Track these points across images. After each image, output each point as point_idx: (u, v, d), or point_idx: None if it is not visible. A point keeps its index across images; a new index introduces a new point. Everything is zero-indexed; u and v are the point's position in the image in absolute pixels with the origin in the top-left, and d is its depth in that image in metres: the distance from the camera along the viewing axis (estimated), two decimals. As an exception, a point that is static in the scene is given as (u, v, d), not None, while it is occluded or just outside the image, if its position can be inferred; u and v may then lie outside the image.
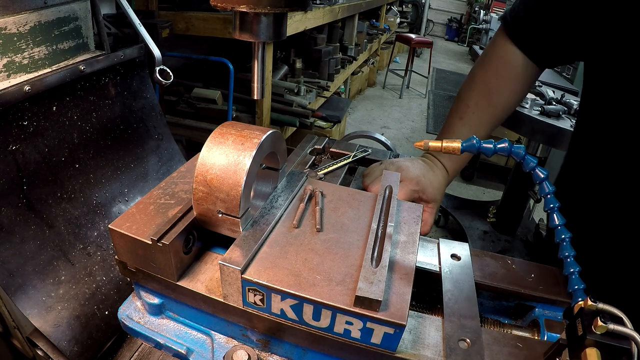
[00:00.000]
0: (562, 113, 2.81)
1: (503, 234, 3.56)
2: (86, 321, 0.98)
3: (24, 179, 0.98)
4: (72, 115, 1.11)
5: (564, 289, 0.75)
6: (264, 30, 0.69)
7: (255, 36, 0.70)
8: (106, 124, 1.22)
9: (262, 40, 0.71)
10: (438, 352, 0.64)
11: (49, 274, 0.97)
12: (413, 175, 1.00)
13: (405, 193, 0.97)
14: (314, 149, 1.16)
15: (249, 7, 0.64)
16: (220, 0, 0.65)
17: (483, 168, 4.77)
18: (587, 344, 0.53)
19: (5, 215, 0.93)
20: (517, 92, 1.11)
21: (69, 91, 1.11)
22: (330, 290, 0.60)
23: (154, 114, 1.40)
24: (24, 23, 0.98)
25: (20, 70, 1.00)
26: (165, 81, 1.27)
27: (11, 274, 0.90)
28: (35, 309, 0.92)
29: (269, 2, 0.64)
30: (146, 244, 0.64)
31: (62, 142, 1.08)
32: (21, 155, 0.98)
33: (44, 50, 1.05)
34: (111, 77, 1.24)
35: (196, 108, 3.16)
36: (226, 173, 0.64)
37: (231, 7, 0.64)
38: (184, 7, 2.93)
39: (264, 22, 0.68)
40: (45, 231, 1.00)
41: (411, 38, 7.73)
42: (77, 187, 1.11)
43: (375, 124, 6.42)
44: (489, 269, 0.80)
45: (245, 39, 0.71)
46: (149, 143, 1.36)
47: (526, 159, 0.67)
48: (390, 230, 0.70)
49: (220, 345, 0.70)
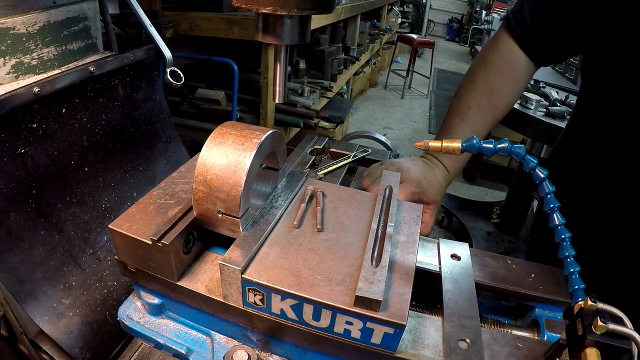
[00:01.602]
0: (566, 114, 2.81)
1: (507, 234, 3.55)
2: (98, 327, 0.96)
3: (33, 182, 0.96)
4: (81, 117, 1.10)
5: (564, 289, 0.75)
6: (288, 33, 0.67)
7: (279, 39, 0.67)
8: (115, 127, 1.20)
9: (286, 43, 0.68)
10: (438, 352, 0.64)
11: (59, 280, 0.95)
12: (414, 176, 1.00)
13: (405, 195, 0.97)
14: (314, 149, 1.16)
15: (274, 9, 0.62)
16: (244, 2, 0.63)
17: (486, 169, 4.76)
18: (587, 344, 0.53)
19: (14, 220, 0.91)
20: (517, 93, 1.12)
21: (78, 93, 1.09)
22: (330, 290, 0.60)
23: (163, 116, 1.38)
24: (32, 23, 0.96)
25: (29, 71, 0.98)
26: (176, 83, 1.25)
27: (21, 281, 0.89)
28: (46, 316, 0.90)
29: (295, 4, 0.61)
30: (146, 244, 0.65)
31: (71, 145, 1.06)
32: (30, 159, 0.96)
33: (53, 50, 1.03)
34: (120, 79, 1.22)
35: (200, 109, 3.16)
36: (226, 173, 0.64)
37: (256, 9, 0.62)
38: (188, 7, 2.93)
39: (288, 25, 0.66)
40: (55, 236, 0.98)
41: (413, 38, 7.73)
42: (86, 191, 1.09)
43: (377, 125, 6.41)
44: (489, 269, 0.80)
45: (268, 41, 0.68)
46: (158, 146, 1.35)
47: (526, 159, 0.67)
48: (390, 230, 0.70)
49: (220, 345, 0.70)
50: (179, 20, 2.77)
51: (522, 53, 1.06)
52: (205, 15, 2.85)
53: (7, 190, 0.91)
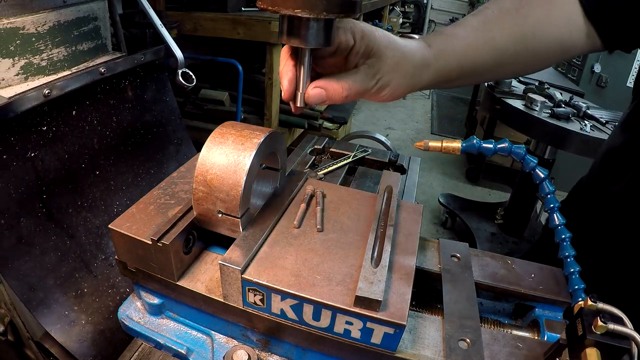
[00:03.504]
0: (571, 115, 2.80)
1: (510, 235, 3.54)
2: (111, 335, 0.95)
3: (43, 187, 0.94)
4: (91, 119, 1.08)
5: (564, 289, 0.75)
6: (314, 36, 0.65)
7: (305, 42, 0.65)
8: (126, 129, 1.18)
9: (311, 47, 0.66)
10: (438, 352, 0.64)
11: (70, 287, 0.93)
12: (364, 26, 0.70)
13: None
14: (314, 149, 1.16)
15: (301, 11, 0.60)
16: (269, 3, 0.61)
17: (489, 169, 4.75)
18: (587, 344, 0.53)
19: (24, 225, 0.89)
20: (556, 30, 0.81)
21: (88, 94, 1.06)
22: (330, 290, 0.60)
23: (174, 118, 1.36)
24: (42, 23, 0.94)
25: (38, 72, 0.96)
26: (187, 84, 1.23)
27: (32, 288, 0.87)
28: (57, 324, 0.89)
29: (322, 6, 0.59)
30: (146, 244, 0.65)
31: (82, 147, 1.04)
32: (40, 162, 0.94)
33: (63, 51, 1.01)
34: (130, 80, 1.20)
35: (203, 110, 3.15)
36: (226, 173, 0.64)
37: (283, 11, 0.61)
38: (192, 7, 2.93)
39: (314, 28, 0.64)
40: (66, 241, 0.97)
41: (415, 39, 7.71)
42: (97, 195, 1.07)
43: (379, 125, 6.40)
44: (489, 269, 0.80)
45: (293, 44, 0.67)
46: (169, 148, 1.33)
47: (526, 159, 0.67)
48: (390, 230, 0.70)
49: (220, 345, 0.70)
50: (183, 20, 2.76)
51: (584, 19, 0.80)
52: (209, 15, 2.85)
53: (17, 194, 0.89)
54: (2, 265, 0.84)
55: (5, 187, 0.88)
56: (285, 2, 0.60)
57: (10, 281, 0.84)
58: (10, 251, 0.87)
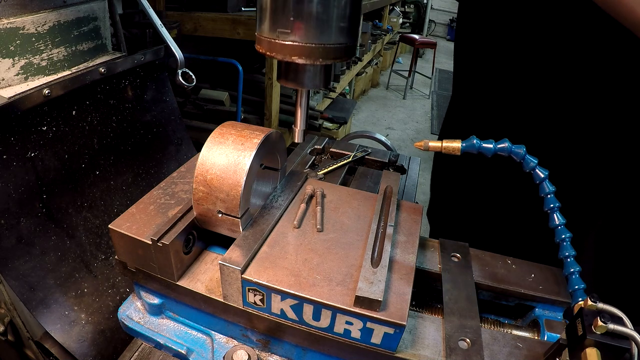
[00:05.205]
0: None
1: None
2: (111, 335, 0.95)
3: (43, 187, 0.94)
4: (92, 119, 1.07)
5: (564, 289, 0.75)
6: (311, 79, 0.69)
7: (301, 85, 0.70)
8: (126, 129, 1.18)
9: (307, 89, 0.71)
10: (438, 352, 0.64)
11: (70, 287, 0.94)
12: None
13: None
14: (314, 149, 1.16)
15: (299, 59, 0.63)
16: (268, 49, 0.65)
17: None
18: (587, 344, 0.53)
19: (24, 225, 0.89)
20: None
21: (88, 94, 1.07)
22: (330, 290, 0.60)
23: (173, 118, 1.36)
24: (42, 23, 0.94)
25: (38, 72, 0.96)
26: (187, 84, 1.23)
27: (32, 288, 0.87)
28: (57, 324, 0.89)
29: (319, 54, 0.63)
30: (146, 244, 0.65)
31: (82, 148, 1.04)
32: (40, 162, 0.94)
33: (63, 51, 1.01)
34: (131, 80, 1.20)
35: (203, 109, 3.15)
36: (226, 173, 0.64)
37: (281, 58, 0.64)
38: (192, 7, 2.93)
39: (310, 72, 0.68)
40: (66, 242, 0.97)
41: (415, 39, 7.72)
42: (97, 195, 1.07)
43: (379, 125, 6.40)
44: (489, 269, 0.80)
45: (290, 86, 0.71)
46: (169, 148, 1.33)
47: (526, 159, 0.67)
48: (390, 230, 0.70)
49: (220, 345, 0.70)
50: (183, 20, 2.76)
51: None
52: (209, 15, 2.85)
53: (17, 194, 0.89)
54: (2, 265, 0.84)
55: (5, 187, 0.88)
56: (282, 49, 0.62)
57: (10, 281, 0.84)
58: (10, 251, 0.87)
